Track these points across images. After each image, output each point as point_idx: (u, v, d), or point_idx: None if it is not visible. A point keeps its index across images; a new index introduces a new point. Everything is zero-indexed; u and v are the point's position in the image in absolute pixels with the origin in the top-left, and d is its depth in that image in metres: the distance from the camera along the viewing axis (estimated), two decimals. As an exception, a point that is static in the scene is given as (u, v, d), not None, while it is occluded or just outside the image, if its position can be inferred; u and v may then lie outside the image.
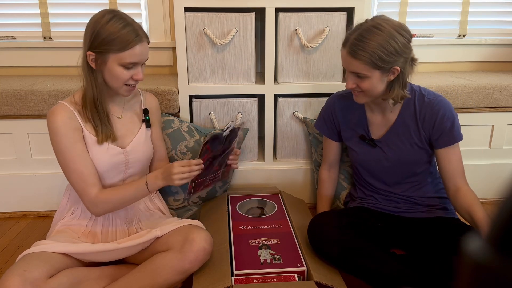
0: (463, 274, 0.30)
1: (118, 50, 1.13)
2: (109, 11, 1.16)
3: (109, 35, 1.12)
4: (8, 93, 1.61)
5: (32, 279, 0.99)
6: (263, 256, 1.24)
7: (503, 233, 0.27)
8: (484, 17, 2.09)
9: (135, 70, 1.19)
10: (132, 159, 1.29)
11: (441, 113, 1.24)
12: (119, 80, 1.17)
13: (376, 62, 1.14)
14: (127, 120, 1.31)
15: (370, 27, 1.15)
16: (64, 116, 1.17)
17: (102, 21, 1.13)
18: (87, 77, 1.18)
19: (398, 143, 1.31)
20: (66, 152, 1.16)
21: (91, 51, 1.14)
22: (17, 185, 1.74)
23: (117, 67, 1.15)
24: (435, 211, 1.32)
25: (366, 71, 1.16)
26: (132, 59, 1.15)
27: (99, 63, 1.16)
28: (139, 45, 1.15)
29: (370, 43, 1.13)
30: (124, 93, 1.22)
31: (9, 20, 1.97)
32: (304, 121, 1.72)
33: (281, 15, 1.61)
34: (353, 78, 1.21)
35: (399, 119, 1.30)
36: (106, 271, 1.18)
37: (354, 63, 1.17)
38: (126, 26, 1.14)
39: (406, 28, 1.17)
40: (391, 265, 1.14)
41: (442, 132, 1.24)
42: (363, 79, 1.19)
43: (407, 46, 1.17)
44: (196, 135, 1.61)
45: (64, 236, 1.21)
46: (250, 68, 1.66)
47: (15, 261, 1.30)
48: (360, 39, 1.15)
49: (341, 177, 1.63)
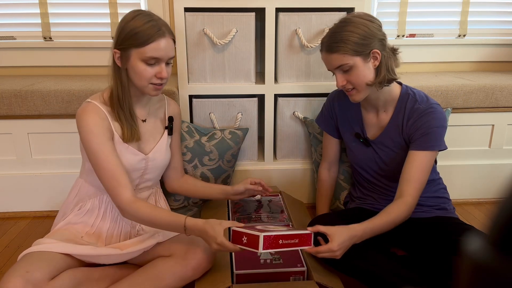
0: (463, 274, 0.30)
1: (140, 45, 1.12)
2: (137, 10, 1.16)
3: (132, 30, 1.12)
4: (8, 93, 1.61)
5: (34, 280, 0.99)
6: (263, 256, 1.24)
7: (503, 233, 0.27)
8: (484, 17, 2.09)
9: (158, 68, 1.16)
10: (152, 165, 1.29)
11: (425, 119, 1.22)
12: (142, 77, 1.15)
13: (353, 48, 1.16)
14: (150, 125, 1.30)
15: (338, 24, 1.21)
16: (96, 115, 1.15)
17: (127, 18, 1.14)
18: (113, 75, 1.18)
19: (390, 145, 1.32)
20: (99, 151, 1.13)
21: (116, 48, 1.14)
22: (17, 185, 1.74)
23: (139, 64, 1.14)
24: (434, 211, 1.32)
25: (347, 60, 1.18)
26: (153, 53, 1.13)
27: (124, 61, 1.15)
28: (161, 39, 1.13)
29: (342, 34, 1.17)
30: (151, 92, 1.19)
31: (9, 20, 1.97)
32: (304, 121, 1.72)
33: (281, 15, 1.61)
34: (340, 75, 1.22)
35: (393, 121, 1.31)
36: (107, 272, 1.17)
37: (333, 57, 1.20)
38: (150, 21, 1.13)
39: (373, 16, 1.22)
40: (391, 268, 1.13)
41: (419, 136, 1.22)
42: (349, 72, 1.20)
43: (378, 29, 1.20)
44: (196, 135, 1.62)
45: (67, 235, 1.20)
46: (250, 68, 1.66)
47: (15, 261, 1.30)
48: (332, 35, 1.20)
49: (340, 178, 1.63)
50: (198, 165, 1.59)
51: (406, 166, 1.22)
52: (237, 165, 1.75)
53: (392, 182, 1.36)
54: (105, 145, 1.14)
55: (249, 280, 1.16)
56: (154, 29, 1.12)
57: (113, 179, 1.13)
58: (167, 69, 1.18)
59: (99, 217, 1.26)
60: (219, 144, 1.61)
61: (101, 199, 1.26)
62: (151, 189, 1.36)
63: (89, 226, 1.24)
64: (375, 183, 1.39)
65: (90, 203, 1.26)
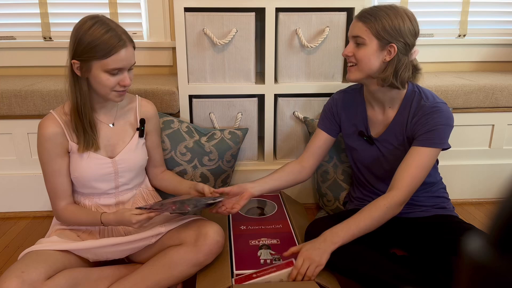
0: (463, 274, 0.30)
1: (102, 57, 1.10)
2: (92, 16, 1.13)
3: (91, 41, 1.09)
4: (8, 93, 1.61)
5: (30, 281, 0.99)
6: (263, 256, 1.24)
7: (503, 233, 0.27)
8: (484, 17, 2.09)
9: (121, 76, 1.15)
10: (122, 168, 1.27)
11: (430, 116, 1.20)
12: (105, 87, 1.14)
13: (378, 30, 1.17)
14: (119, 128, 1.29)
15: (386, 4, 1.22)
16: (51, 130, 1.18)
17: (84, 28, 1.10)
18: (72, 85, 1.16)
19: (394, 142, 1.30)
20: (45, 164, 1.21)
21: (75, 59, 1.12)
22: (17, 185, 1.74)
23: (102, 74, 1.12)
24: (432, 210, 1.32)
25: (366, 36, 1.19)
26: (116, 64, 1.12)
27: (84, 71, 1.13)
28: (123, 50, 1.11)
29: (379, 12, 1.18)
30: (115, 98, 1.19)
31: (9, 20, 1.97)
32: (304, 121, 1.72)
33: (281, 15, 1.61)
34: (351, 45, 1.23)
35: (397, 118, 1.29)
36: (105, 272, 1.17)
37: (358, 25, 1.20)
38: (108, 31, 1.10)
39: (417, 21, 1.23)
40: (390, 271, 1.13)
41: (423, 132, 1.20)
42: (360, 47, 1.20)
43: (411, 33, 1.19)
44: (195, 136, 1.62)
45: (66, 234, 1.21)
46: (250, 68, 1.66)
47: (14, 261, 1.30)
48: (373, 8, 1.21)
49: (340, 178, 1.63)
50: (197, 165, 1.59)
51: (404, 160, 1.20)
52: (237, 165, 1.75)
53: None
54: (53, 161, 1.20)
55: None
56: (115, 40, 1.10)
57: (52, 191, 1.23)
58: (129, 75, 1.18)
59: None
60: (219, 144, 1.61)
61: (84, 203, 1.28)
62: (134, 191, 1.34)
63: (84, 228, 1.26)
64: (376, 183, 1.39)
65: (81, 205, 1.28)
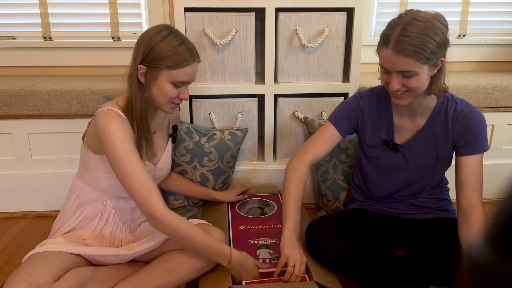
0: (463, 275, 0.30)
1: (172, 67, 1.12)
2: (166, 27, 1.15)
3: (164, 51, 1.11)
4: (8, 93, 1.61)
5: (38, 283, 0.97)
6: (262, 256, 1.24)
7: (503, 233, 0.27)
8: (484, 17, 2.09)
9: (183, 89, 1.18)
10: (159, 175, 1.30)
11: (473, 122, 1.19)
12: (166, 97, 1.16)
13: (427, 56, 1.05)
14: (158, 136, 1.30)
15: (411, 20, 1.06)
16: (121, 122, 1.12)
17: (159, 37, 1.12)
18: (135, 91, 1.15)
19: (422, 150, 1.26)
20: (127, 159, 1.08)
21: (143, 64, 1.12)
22: (17, 185, 1.74)
23: (167, 84, 1.14)
24: (435, 212, 1.32)
25: (416, 68, 1.06)
26: (183, 78, 1.15)
27: (149, 78, 1.14)
28: (192, 64, 1.15)
29: (418, 37, 1.04)
30: (168, 110, 1.20)
31: (9, 20, 1.97)
32: (304, 121, 1.72)
33: (281, 15, 1.61)
34: (398, 78, 1.10)
35: (428, 125, 1.24)
36: (112, 272, 1.17)
37: (402, 61, 1.06)
38: (181, 44, 1.13)
39: (441, 15, 1.12)
40: (390, 270, 1.13)
41: (469, 140, 1.19)
42: (411, 78, 1.08)
43: (447, 33, 1.11)
44: (195, 136, 1.61)
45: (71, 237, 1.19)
46: (250, 68, 1.66)
47: (15, 261, 1.30)
48: (405, 34, 1.04)
49: (339, 178, 1.63)
50: (197, 166, 1.59)
51: (466, 172, 1.17)
52: (237, 165, 1.75)
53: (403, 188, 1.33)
54: (133, 153, 1.10)
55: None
56: (187, 54, 1.13)
57: (145, 189, 1.08)
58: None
59: (102, 222, 1.23)
60: (219, 144, 1.61)
61: (104, 203, 1.23)
62: None
63: (92, 229, 1.22)
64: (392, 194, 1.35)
65: (92, 208, 1.22)
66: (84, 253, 1.12)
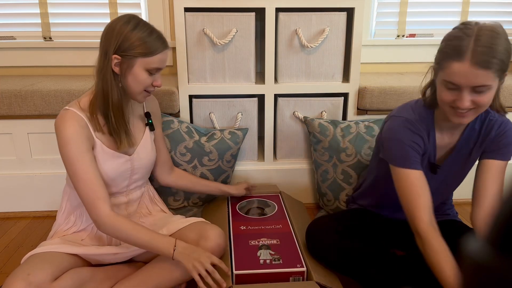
0: (463, 275, 0.30)
1: (147, 54, 1.14)
2: (132, 16, 1.16)
3: (138, 39, 1.12)
4: (8, 93, 1.61)
5: (37, 282, 0.98)
6: (262, 257, 1.24)
7: (503, 233, 0.27)
8: (484, 17, 2.09)
9: (156, 77, 1.20)
10: (138, 165, 1.28)
11: (504, 131, 1.14)
12: (141, 85, 1.17)
13: (504, 68, 0.97)
14: (133, 126, 1.29)
15: (489, 32, 0.96)
16: (76, 124, 1.12)
17: (129, 27, 1.13)
18: (110, 82, 1.15)
19: (460, 166, 1.20)
20: (76, 161, 1.11)
21: (117, 54, 1.13)
22: (17, 185, 1.74)
23: (142, 72, 1.16)
24: (437, 216, 1.31)
25: (492, 81, 0.97)
26: (158, 64, 1.17)
27: (124, 67, 1.14)
28: (166, 50, 1.19)
29: (498, 48, 0.95)
30: (141, 99, 1.22)
31: (9, 20, 1.97)
32: (304, 121, 1.72)
33: (281, 15, 1.61)
34: (469, 95, 0.98)
35: (463, 139, 1.17)
36: (111, 272, 1.18)
37: (483, 75, 0.95)
38: (152, 32, 1.16)
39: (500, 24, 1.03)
40: (390, 270, 1.13)
41: (497, 147, 1.14)
42: (483, 93, 0.99)
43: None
44: (195, 136, 1.61)
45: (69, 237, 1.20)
46: (250, 68, 1.66)
47: (15, 261, 1.30)
48: (489, 46, 0.95)
49: (339, 178, 1.63)
50: (197, 165, 1.59)
51: (493, 178, 1.12)
52: (237, 165, 1.75)
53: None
54: (83, 155, 1.11)
55: (249, 280, 1.16)
56: (160, 41, 1.17)
57: (91, 191, 1.10)
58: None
59: None
60: (219, 144, 1.61)
61: None
62: (142, 188, 1.36)
63: (89, 231, 1.24)
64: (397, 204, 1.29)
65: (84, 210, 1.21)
66: (82, 253, 1.13)
